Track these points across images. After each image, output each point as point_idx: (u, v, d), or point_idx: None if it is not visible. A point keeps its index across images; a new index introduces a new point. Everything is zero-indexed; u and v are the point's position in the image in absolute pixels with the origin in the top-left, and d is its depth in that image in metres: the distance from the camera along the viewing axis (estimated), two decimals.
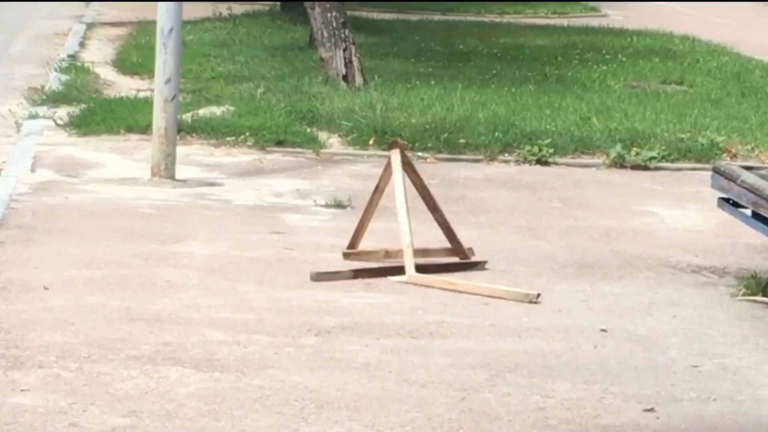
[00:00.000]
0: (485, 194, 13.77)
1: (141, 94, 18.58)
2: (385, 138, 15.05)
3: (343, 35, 19.79)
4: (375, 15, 29.87)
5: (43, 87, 19.48)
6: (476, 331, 9.71)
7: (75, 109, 17.41)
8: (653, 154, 15.80)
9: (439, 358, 9.05)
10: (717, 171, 12.06)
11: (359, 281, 10.77)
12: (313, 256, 11.29)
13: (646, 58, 24.46)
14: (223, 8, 29.81)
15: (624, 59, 24.14)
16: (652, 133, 16.52)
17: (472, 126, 16.49)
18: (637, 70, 22.74)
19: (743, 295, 10.90)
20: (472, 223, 12.12)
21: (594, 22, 31.88)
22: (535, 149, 15.75)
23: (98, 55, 23.15)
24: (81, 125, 16.53)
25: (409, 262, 10.94)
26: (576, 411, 8.22)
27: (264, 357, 8.92)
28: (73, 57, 22.36)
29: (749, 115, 18.11)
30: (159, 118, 14.16)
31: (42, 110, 17.51)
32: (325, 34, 19.94)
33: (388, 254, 11.17)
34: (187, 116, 16.16)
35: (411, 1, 33.84)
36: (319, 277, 10.75)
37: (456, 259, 11.33)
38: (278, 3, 30.02)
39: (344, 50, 19.71)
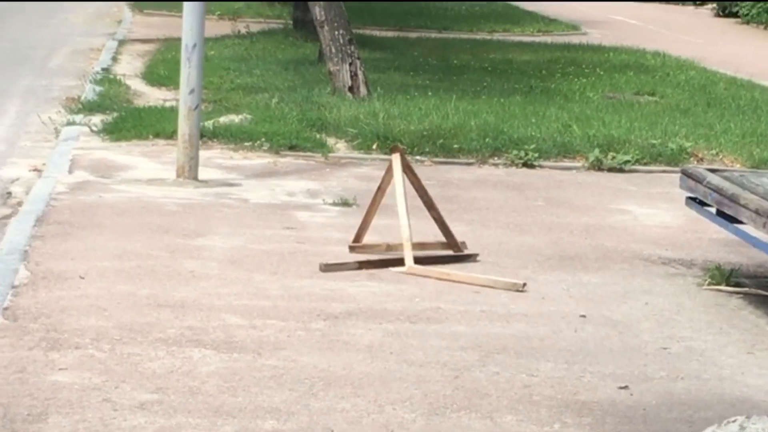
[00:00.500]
0: (476, 194, 13.78)
1: (167, 104, 18.60)
2: (387, 143, 15.05)
3: (349, 51, 19.77)
4: (378, 33, 29.81)
5: (79, 97, 19.47)
6: (468, 316, 9.76)
7: (108, 117, 17.41)
8: (627, 158, 15.80)
9: (435, 341, 9.12)
10: (685, 173, 12.10)
11: (363, 272, 10.81)
12: (321, 249, 11.33)
13: (622, 71, 24.42)
14: (241, 26, 29.84)
15: (601, 73, 24.09)
16: (626, 139, 16.52)
17: (464, 133, 16.48)
18: (613, 83, 22.71)
19: (708, 284, 10.93)
20: (465, 220, 12.14)
21: (575, 39, 31.79)
22: (522, 154, 15.74)
23: (129, 68, 23.13)
24: (113, 131, 16.54)
25: (408, 255, 10.98)
26: (558, 388, 8.29)
27: (278, 339, 8.98)
28: (106, 70, 22.35)
29: (714, 123, 18.11)
30: (183, 125, 14.20)
31: (78, 118, 17.49)
32: (333, 50, 19.91)
33: (389, 247, 11.21)
34: (208, 123, 16.18)
35: (410, 21, 33.77)
36: (328, 268, 10.79)
37: (450, 252, 11.36)
38: (290, 22, 29.95)
39: (350, 64, 19.69)
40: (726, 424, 6.07)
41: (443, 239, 11.38)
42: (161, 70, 22.00)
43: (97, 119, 17.39)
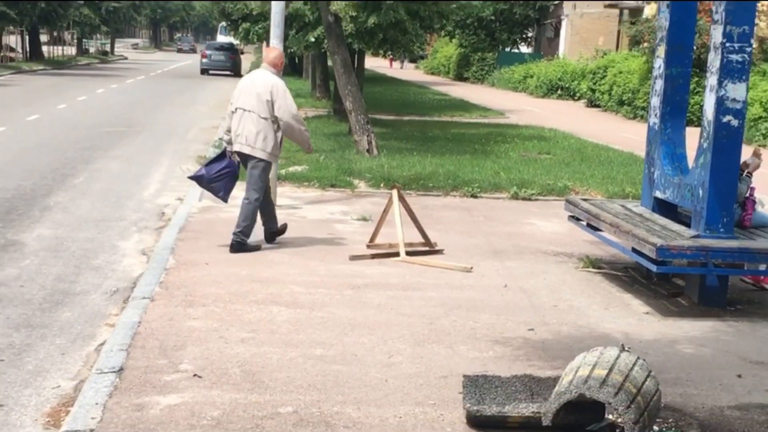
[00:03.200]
0: (442, 213, 13.77)
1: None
2: (389, 183, 15.01)
3: (366, 128, 19.69)
4: (384, 117, 29.76)
5: (205, 156, 19.50)
6: (437, 287, 9.75)
7: None
8: (533, 192, 15.75)
9: (418, 301, 9.12)
10: (568, 201, 12.12)
11: (375, 260, 10.78)
12: (350, 247, 11.31)
13: (529, 140, 24.38)
14: (301, 112, 29.78)
15: (517, 140, 24.04)
16: (533, 180, 16.50)
17: (436, 176, 16.46)
18: (524, 147, 22.66)
19: (581, 268, 10.92)
20: (435, 229, 12.13)
21: (502, 120, 31.71)
22: (470, 189, 15.68)
23: None
24: None
25: (401, 250, 10.98)
26: (491, 330, 8.29)
27: (323, 301, 9.00)
28: (220, 140, 22.33)
29: (585, 171, 18.10)
30: None
31: None
32: (357, 127, 19.83)
33: (390, 246, 11.16)
34: (282, 171, 16.18)
35: (403, 109, 33.77)
36: (353, 258, 10.78)
37: (427, 248, 11.31)
38: (331, 110, 29.86)
39: (367, 136, 19.61)
40: (592, 351, 6.09)
41: (422, 240, 11.38)
42: None
43: None
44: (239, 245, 10.87)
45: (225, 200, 11.56)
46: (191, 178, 11.63)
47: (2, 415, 6.38)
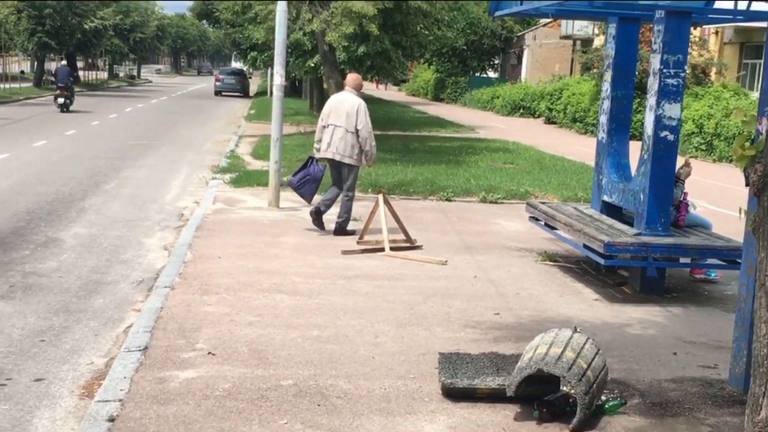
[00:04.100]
0: (421, 215, 13.77)
1: (263, 168, 18.53)
2: (376, 188, 14.99)
3: None
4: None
5: (218, 165, 19.46)
6: (417, 277, 9.74)
7: (233, 175, 17.38)
8: (499, 196, 15.76)
9: (400, 290, 9.11)
10: (529, 204, 12.13)
11: (364, 255, 10.77)
12: (342, 243, 11.30)
13: (496, 152, 24.38)
14: (300, 128, 29.73)
15: (486, 152, 24.05)
16: (499, 186, 16.50)
17: (416, 183, 16.44)
18: (492, 158, 22.68)
19: (540, 261, 10.93)
20: (415, 228, 12.13)
21: (472, 135, 31.70)
22: (445, 194, 15.69)
23: (243, 150, 23.16)
24: (235, 182, 16.45)
25: (386, 246, 11.00)
26: (463, 314, 8.30)
27: (320, 289, 8.97)
28: (232, 151, 22.35)
29: (543, 178, 18.12)
30: (272, 179, 14.10)
31: (218, 176, 17.45)
32: None
33: (377, 242, 11.16)
34: (284, 178, 16.14)
35: (387, 125, 33.76)
36: (345, 252, 10.75)
37: (408, 245, 11.31)
38: None
39: None
40: (548, 332, 6.10)
41: (404, 238, 11.38)
42: (260, 150, 21.95)
43: (227, 176, 17.37)
44: (341, 230, 11.87)
45: (308, 202, 12.48)
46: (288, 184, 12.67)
47: (44, 387, 6.38)
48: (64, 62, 41.75)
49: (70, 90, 36.73)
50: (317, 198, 12.58)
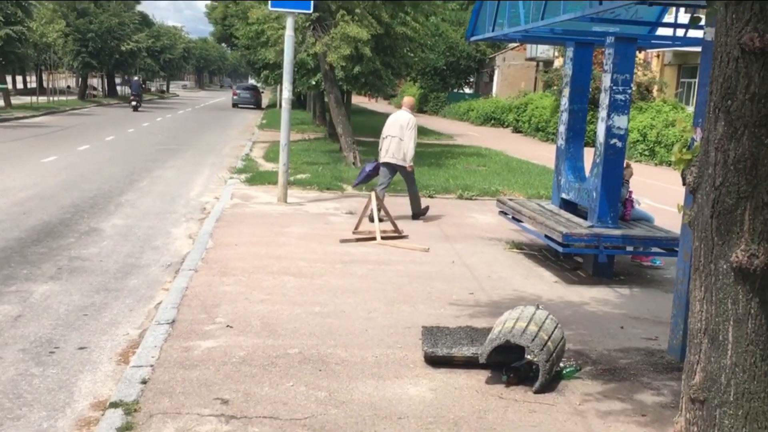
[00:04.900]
0: (408, 209, 13.73)
1: (274, 169, 18.48)
2: (369, 186, 15.04)
3: (353, 147, 19.66)
4: (365, 138, 29.75)
5: (235, 166, 19.45)
6: (404, 262, 9.74)
7: (248, 175, 17.36)
8: (473, 193, 15.78)
9: (389, 273, 9.10)
10: (498, 200, 12.11)
11: (359, 243, 10.77)
12: (340, 233, 11.29)
13: (471, 156, 24.39)
14: (305, 135, 29.72)
15: (462, 156, 24.06)
16: (473, 185, 16.51)
17: (403, 182, 16.19)
18: (468, 161, 22.68)
19: (509, 249, 10.95)
20: (403, 220, 12.11)
21: (451, 142, 31.70)
22: (428, 191, 15.71)
23: (257, 154, 23.13)
24: (250, 181, 16.42)
25: (378, 236, 10.99)
26: (443, 293, 8.29)
27: (321, 272, 8.96)
28: (247, 155, 22.32)
29: (511, 179, 18.13)
30: (281, 178, 14.08)
31: (235, 176, 17.45)
32: (346, 146, 19.82)
33: (370, 232, 11.17)
34: (291, 178, 16.14)
35: (378, 132, 33.67)
36: (343, 241, 10.75)
37: (396, 235, 11.33)
38: (327, 134, 29.71)
39: (353, 152, 19.62)
40: (515, 308, 6.10)
41: (393, 229, 11.38)
42: (271, 154, 21.93)
43: (242, 176, 17.35)
44: (417, 215, 12.91)
45: (353, 186, 14.22)
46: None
47: (86, 354, 6.35)
48: (136, 77, 53.02)
49: (140, 96, 47.36)
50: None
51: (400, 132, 12.48)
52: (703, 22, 6.21)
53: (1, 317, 7.16)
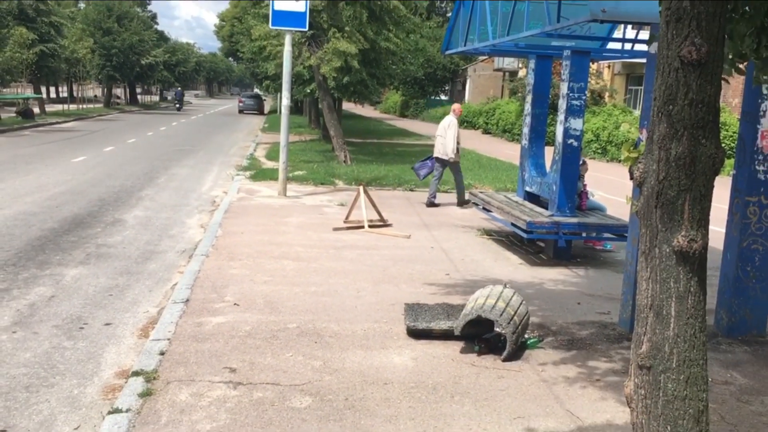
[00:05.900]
0: (392, 201, 13.72)
1: (275, 167, 18.42)
2: (358, 181, 14.98)
3: (344, 147, 19.64)
4: (354, 139, 29.67)
5: (241, 164, 19.36)
6: (388, 247, 9.70)
7: (252, 172, 17.28)
8: (449, 187, 15.54)
9: (376, 257, 9.07)
10: (470, 193, 12.07)
11: (350, 231, 10.74)
12: (332, 222, 11.24)
13: None
14: (302, 137, 29.53)
15: None
16: (449, 180, 16.35)
17: (387, 177, 16.39)
18: None
19: (480, 235, 10.95)
20: (387, 211, 12.11)
21: (429, 142, 31.27)
22: (409, 185, 15.65)
23: (260, 153, 23.01)
24: (254, 178, 16.33)
25: (366, 224, 10.95)
26: (421, 274, 8.27)
27: (316, 256, 8.92)
28: (251, 154, 22.22)
29: (482, 174, 18.13)
30: (281, 175, 13.98)
31: (241, 172, 17.38)
32: (337, 147, 19.78)
33: (359, 222, 11.16)
34: (290, 174, 16.08)
35: (366, 134, 33.63)
36: (335, 229, 10.69)
37: (382, 223, 11.29)
38: (321, 136, 29.57)
39: (344, 152, 19.57)
40: (486, 287, 6.09)
41: (379, 218, 11.34)
42: (272, 153, 21.82)
43: (247, 173, 17.26)
44: (462, 203, 13.44)
45: (419, 178, 14.22)
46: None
47: (111, 329, 6.31)
48: (179, 88, 65.20)
49: (181, 101, 57.87)
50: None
51: (443, 132, 13.37)
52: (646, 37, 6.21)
53: (37, 297, 7.11)
